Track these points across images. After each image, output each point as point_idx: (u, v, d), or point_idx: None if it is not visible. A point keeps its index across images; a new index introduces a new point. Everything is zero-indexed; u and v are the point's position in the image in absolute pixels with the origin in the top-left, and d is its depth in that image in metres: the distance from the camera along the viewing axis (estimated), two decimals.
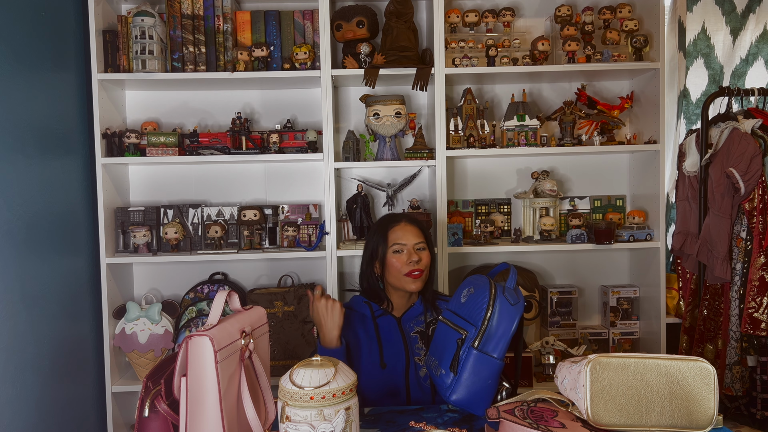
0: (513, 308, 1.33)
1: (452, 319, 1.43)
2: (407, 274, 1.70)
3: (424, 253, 1.74)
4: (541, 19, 2.69)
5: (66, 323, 2.20)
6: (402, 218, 1.79)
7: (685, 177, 2.54)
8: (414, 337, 1.73)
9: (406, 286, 1.71)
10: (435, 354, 1.45)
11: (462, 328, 1.37)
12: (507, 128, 2.49)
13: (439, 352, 1.42)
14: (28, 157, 2.01)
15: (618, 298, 2.63)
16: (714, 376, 1.17)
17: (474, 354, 1.32)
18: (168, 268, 2.66)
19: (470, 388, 1.32)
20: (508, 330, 1.33)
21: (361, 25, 2.44)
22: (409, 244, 1.72)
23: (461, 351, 1.34)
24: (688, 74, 2.79)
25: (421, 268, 1.71)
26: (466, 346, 1.33)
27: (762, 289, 2.27)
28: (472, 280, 1.47)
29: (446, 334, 1.42)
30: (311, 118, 2.67)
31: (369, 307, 1.76)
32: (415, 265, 1.70)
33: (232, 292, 1.21)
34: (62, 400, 2.16)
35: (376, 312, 1.75)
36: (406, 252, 1.71)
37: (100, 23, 2.37)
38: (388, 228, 1.76)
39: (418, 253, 1.72)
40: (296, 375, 1.08)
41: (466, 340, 1.34)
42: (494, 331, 1.33)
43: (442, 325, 1.47)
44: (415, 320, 1.76)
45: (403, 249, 1.72)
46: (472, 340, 1.33)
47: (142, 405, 1.07)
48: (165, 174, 2.66)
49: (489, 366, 1.32)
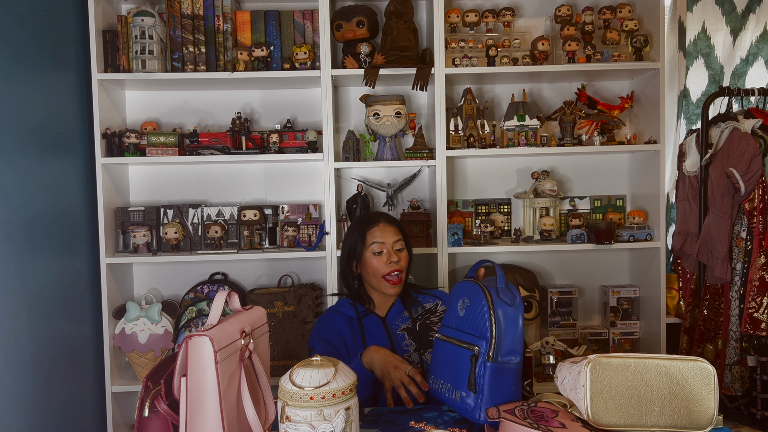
0: (513, 309, 1.31)
1: (456, 335, 1.38)
2: (386, 276, 1.72)
3: (403, 254, 1.76)
4: (541, 19, 2.69)
5: (66, 323, 2.20)
6: (381, 218, 1.80)
7: (685, 177, 2.54)
8: (401, 334, 1.73)
9: (385, 290, 1.73)
10: (443, 377, 1.39)
11: (471, 343, 1.32)
12: (507, 128, 2.49)
13: (450, 374, 1.36)
14: (27, 157, 2.01)
15: (618, 298, 2.63)
16: (714, 376, 1.17)
17: (491, 366, 1.28)
18: (168, 268, 2.66)
19: (497, 401, 1.27)
20: (515, 331, 1.30)
21: (361, 25, 2.44)
22: (388, 244, 1.74)
23: (477, 368, 1.29)
24: (688, 74, 2.79)
25: (400, 269, 1.73)
26: (480, 361, 1.29)
27: (762, 289, 2.27)
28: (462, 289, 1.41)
29: (454, 353, 1.36)
30: (311, 118, 2.67)
31: (354, 309, 1.77)
32: (395, 266, 1.72)
33: (232, 292, 1.21)
34: (62, 400, 2.16)
35: (361, 313, 1.76)
36: (386, 252, 1.73)
37: (100, 23, 2.37)
38: (367, 228, 1.77)
39: (397, 254, 1.74)
40: (296, 375, 1.08)
41: (480, 356, 1.29)
42: (504, 338, 1.29)
43: (444, 345, 1.41)
44: (399, 318, 1.76)
45: (382, 249, 1.73)
46: (485, 355, 1.28)
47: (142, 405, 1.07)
48: (165, 174, 2.66)
49: (508, 373, 1.29)
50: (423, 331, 1.74)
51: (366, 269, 1.75)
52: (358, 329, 1.73)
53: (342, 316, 1.77)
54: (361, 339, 1.72)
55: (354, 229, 1.80)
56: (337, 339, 1.72)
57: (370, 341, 1.71)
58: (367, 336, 1.72)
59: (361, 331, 1.73)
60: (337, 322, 1.75)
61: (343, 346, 1.72)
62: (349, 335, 1.73)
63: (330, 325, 1.75)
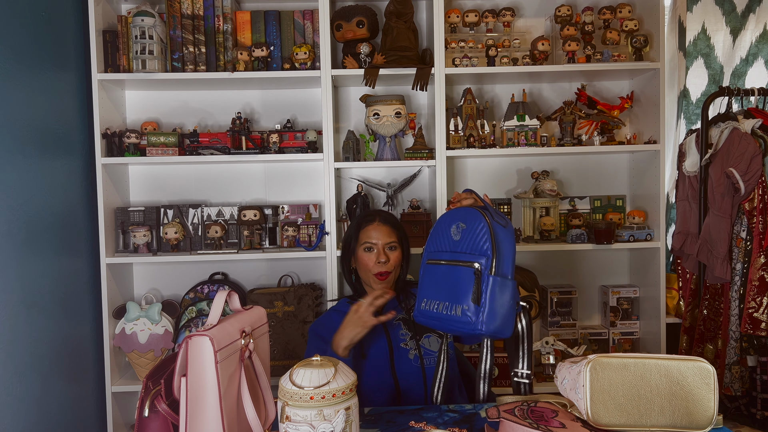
0: (507, 230, 1.41)
1: (452, 257, 1.44)
2: (375, 275, 1.76)
3: (394, 254, 1.79)
4: (541, 19, 2.69)
5: (66, 323, 2.20)
6: (377, 216, 1.84)
7: (685, 177, 2.54)
8: (396, 324, 1.77)
9: (374, 285, 1.78)
10: (438, 297, 1.45)
11: (470, 261, 1.39)
12: (507, 128, 2.49)
13: (448, 293, 1.42)
14: (28, 157, 2.01)
15: (618, 298, 2.63)
16: (714, 376, 1.17)
17: (493, 280, 1.36)
18: (168, 268, 2.66)
19: (497, 314, 1.36)
20: (510, 250, 1.40)
21: (361, 25, 2.44)
22: (380, 243, 1.77)
23: (482, 281, 1.36)
24: (688, 74, 2.79)
25: (389, 270, 1.76)
26: (485, 275, 1.37)
27: (762, 289, 2.27)
28: (455, 215, 1.48)
29: (451, 273, 1.43)
30: (311, 118, 2.67)
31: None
32: (383, 267, 1.75)
33: (232, 292, 1.21)
34: (62, 400, 2.16)
35: None
36: (376, 252, 1.76)
37: (100, 23, 2.37)
38: (362, 225, 1.82)
39: (387, 254, 1.77)
40: (296, 375, 1.08)
41: (483, 270, 1.37)
42: (504, 255, 1.38)
43: (438, 268, 1.47)
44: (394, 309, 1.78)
45: (373, 248, 1.77)
46: (488, 269, 1.36)
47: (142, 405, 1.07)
48: (165, 174, 2.66)
49: (507, 288, 1.38)
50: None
51: (359, 264, 1.81)
52: None
53: (341, 314, 1.77)
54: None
55: (352, 226, 1.87)
56: (331, 334, 1.73)
57: (368, 334, 1.72)
58: None
59: None
60: (335, 320, 1.75)
61: None
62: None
63: (327, 322, 1.78)
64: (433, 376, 1.60)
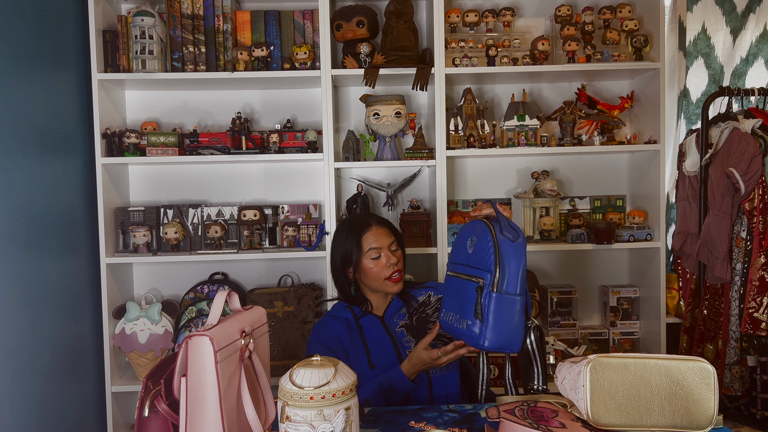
0: (516, 244, 1.38)
1: (464, 271, 1.45)
2: (388, 277, 1.72)
3: (399, 253, 1.77)
4: (541, 19, 2.69)
5: (66, 323, 2.20)
6: (371, 220, 1.77)
7: (685, 177, 2.54)
8: (401, 331, 1.74)
9: (388, 289, 1.73)
10: (452, 309, 1.47)
11: (477, 276, 1.40)
12: (507, 128, 2.49)
13: (458, 306, 1.44)
14: (28, 157, 2.01)
15: (618, 298, 2.63)
16: (714, 376, 1.17)
17: (494, 296, 1.35)
18: (168, 268, 2.66)
19: (500, 330, 1.35)
20: (518, 266, 1.37)
21: (361, 25, 2.44)
22: (384, 247, 1.73)
23: (482, 298, 1.37)
24: (688, 74, 2.79)
25: (400, 269, 1.74)
26: (485, 291, 1.37)
27: (762, 289, 2.27)
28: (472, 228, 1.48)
29: (462, 286, 1.44)
30: (311, 118, 2.67)
31: (351, 311, 1.77)
32: (394, 267, 1.72)
33: (232, 292, 1.21)
34: (62, 400, 2.16)
35: (357, 314, 1.76)
36: (384, 255, 1.72)
37: (100, 23, 2.37)
38: (361, 233, 1.74)
39: (394, 255, 1.74)
40: (296, 375, 1.08)
41: (485, 287, 1.37)
42: (506, 271, 1.37)
43: (454, 280, 1.49)
44: (397, 315, 1.77)
45: (379, 254, 1.72)
46: (490, 286, 1.36)
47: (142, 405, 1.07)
48: (165, 174, 2.66)
49: (511, 305, 1.36)
50: (420, 324, 1.75)
51: (365, 275, 1.74)
52: (357, 331, 1.73)
53: (339, 320, 1.76)
54: (361, 340, 1.71)
55: (345, 236, 1.76)
56: (335, 343, 1.71)
57: (370, 342, 1.71)
58: (366, 337, 1.72)
59: (360, 332, 1.73)
60: (334, 326, 1.74)
61: (342, 350, 1.71)
62: (347, 338, 1.72)
63: (327, 331, 1.73)
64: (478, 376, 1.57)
